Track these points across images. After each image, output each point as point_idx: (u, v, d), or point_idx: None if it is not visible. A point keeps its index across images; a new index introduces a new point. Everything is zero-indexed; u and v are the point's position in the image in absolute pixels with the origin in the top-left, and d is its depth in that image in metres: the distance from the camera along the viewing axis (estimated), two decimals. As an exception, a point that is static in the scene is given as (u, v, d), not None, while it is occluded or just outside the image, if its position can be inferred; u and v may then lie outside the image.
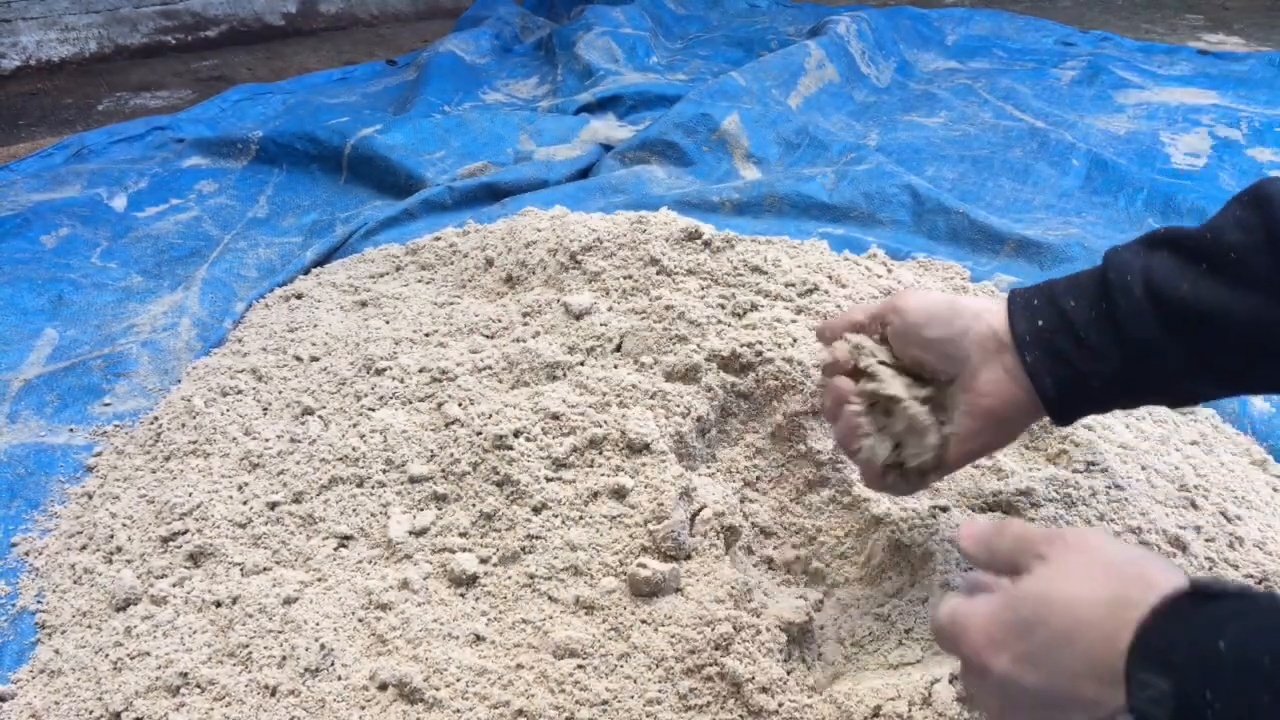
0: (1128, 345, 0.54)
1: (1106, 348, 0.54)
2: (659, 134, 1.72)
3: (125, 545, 0.80)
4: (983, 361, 0.58)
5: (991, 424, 0.59)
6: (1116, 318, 0.54)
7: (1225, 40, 2.67)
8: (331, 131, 1.74)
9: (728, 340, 0.86)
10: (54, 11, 2.52)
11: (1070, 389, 0.56)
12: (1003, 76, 2.19)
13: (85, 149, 1.79)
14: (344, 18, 3.09)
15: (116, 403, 1.06)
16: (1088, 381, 0.55)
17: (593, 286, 0.96)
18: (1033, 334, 0.57)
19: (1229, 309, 0.50)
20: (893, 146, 1.79)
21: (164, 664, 0.69)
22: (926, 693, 0.62)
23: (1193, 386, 0.54)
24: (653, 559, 0.71)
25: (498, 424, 0.82)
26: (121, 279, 1.35)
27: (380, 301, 1.14)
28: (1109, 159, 1.65)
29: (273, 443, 0.88)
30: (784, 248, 1.06)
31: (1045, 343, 0.56)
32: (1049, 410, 0.57)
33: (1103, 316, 0.55)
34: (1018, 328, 0.57)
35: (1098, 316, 0.55)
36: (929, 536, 0.74)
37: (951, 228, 1.42)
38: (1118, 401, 0.57)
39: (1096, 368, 0.55)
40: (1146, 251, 0.55)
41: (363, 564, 0.76)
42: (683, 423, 0.82)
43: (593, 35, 2.34)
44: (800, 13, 2.93)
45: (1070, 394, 0.56)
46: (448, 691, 0.65)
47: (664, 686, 0.64)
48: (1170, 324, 0.52)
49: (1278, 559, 0.78)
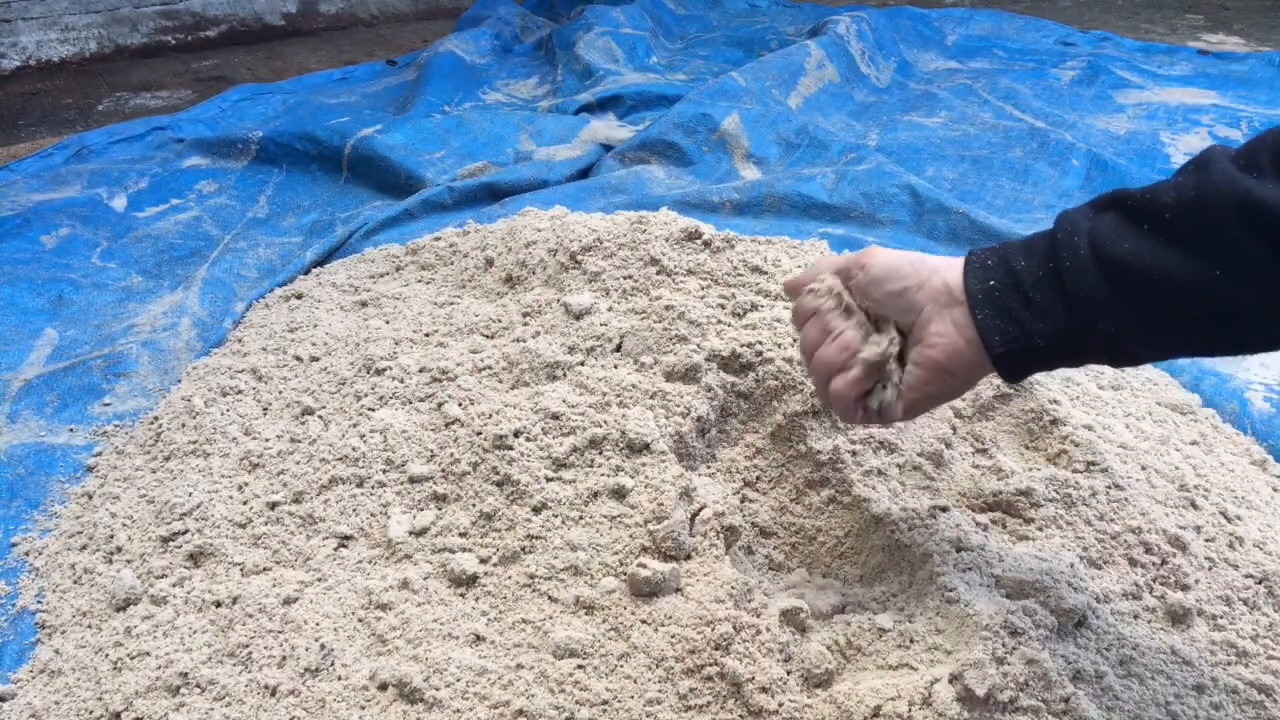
0: (1073, 304, 0.55)
1: (1053, 306, 0.56)
2: (659, 134, 1.72)
3: (125, 545, 0.80)
4: (934, 314, 0.60)
5: (938, 374, 0.60)
6: (1062, 277, 0.55)
7: (1225, 40, 2.67)
8: (331, 131, 1.74)
9: (728, 340, 0.86)
10: (54, 11, 2.52)
11: (1018, 347, 0.57)
12: (1003, 76, 2.19)
13: (85, 149, 1.79)
14: (344, 18, 3.09)
15: (116, 403, 1.06)
16: (1034, 340, 0.56)
17: (593, 286, 0.96)
18: (984, 293, 0.58)
19: (1164, 269, 0.51)
20: (893, 146, 1.79)
21: (164, 664, 0.69)
22: (926, 693, 0.62)
23: (1131, 346, 0.55)
24: (653, 559, 0.71)
25: (498, 424, 0.82)
26: (121, 279, 1.35)
27: (380, 301, 1.13)
28: (1109, 159, 1.65)
29: (273, 443, 0.88)
30: (784, 248, 1.06)
31: (995, 302, 0.58)
32: (997, 367, 0.59)
33: (1050, 275, 0.56)
34: (971, 286, 0.59)
35: (1045, 276, 0.56)
36: (929, 536, 0.74)
37: (951, 228, 1.42)
38: (1063, 360, 0.59)
39: (1042, 326, 0.56)
40: (1095, 213, 0.57)
41: (363, 564, 0.76)
42: (683, 423, 0.82)
43: (593, 35, 2.34)
44: (800, 13, 2.93)
45: (1018, 352, 0.57)
46: (448, 691, 0.65)
47: (664, 686, 0.64)
48: (1114, 283, 0.53)
49: (1278, 559, 0.78)
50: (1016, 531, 0.78)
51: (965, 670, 0.62)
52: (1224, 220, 0.49)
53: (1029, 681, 0.62)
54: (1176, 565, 0.75)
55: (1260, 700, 0.67)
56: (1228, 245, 0.49)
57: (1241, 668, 0.70)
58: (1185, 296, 0.51)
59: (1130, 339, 0.54)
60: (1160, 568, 0.76)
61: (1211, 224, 0.50)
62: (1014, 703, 0.61)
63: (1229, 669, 0.69)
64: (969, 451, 0.86)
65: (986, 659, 0.62)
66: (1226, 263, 0.49)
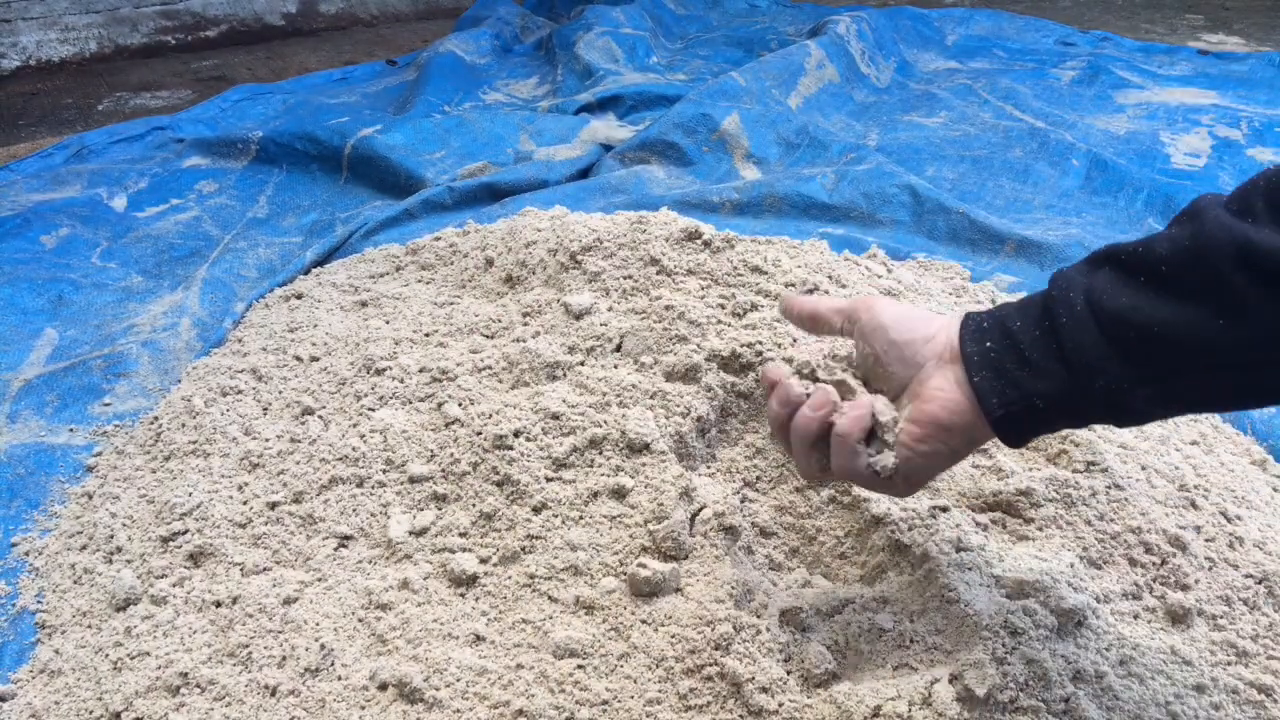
0: (1071, 362, 0.54)
1: (1050, 366, 0.55)
2: (659, 134, 1.72)
3: (125, 545, 0.80)
4: (935, 369, 0.59)
5: (937, 431, 0.58)
6: (1059, 334, 0.54)
7: (1225, 40, 2.67)
8: (331, 131, 1.74)
9: (728, 340, 0.86)
10: (54, 11, 2.52)
11: (1017, 409, 0.56)
12: (1003, 76, 2.19)
13: (85, 149, 1.79)
14: (344, 18, 3.09)
15: (116, 403, 1.06)
16: (1032, 401, 0.55)
17: (593, 286, 0.96)
18: (980, 355, 0.57)
19: (1165, 321, 0.50)
20: (893, 146, 1.79)
21: (164, 664, 0.69)
22: (926, 693, 0.62)
23: (1135, 403, 0.53)
24: (653, 559, 0.71)
25: (498, 424, 0.82)
26: (121, 279, 1.35)
27: (380, 301, 1.13)
28: (1109, 159, 1.65)
29: (273, 443, 0.88)
30: (784, 248, 1.06)
31: (992, 363, 0.57)
32: (996, 431, 0.57)
33: (1046, 334, 0.55)
34: (967, 349, 0.58)
35: (1041, 334, 0.55)
36: (929, 536, 0.74)
37: (951, 228, 1.42)
38: (1064, 420, 0.57)
39: (1041, 387, 0.55)
40: (1090, 269, 0.56)
41: (363, 564, 0.76)
42: (683, 423, 0.82)
43: (593, 35, 2.34)
44: (800, 13, 2.93)
45: (1017, 414, 0.56)
46: (448, 691, 0.65)
47: (664, 686, 0.64)
48: (1111, 338, 0.52)
49: (1278, 559, 0.78)
50: (1016, 531, 0.78)
51: (965, 670, 0.62)
52: (1221, 268, 0.48)
53: (1029, 681, 0.62)
54: (1176, 565, 0.75)
55: (1260, 700, 0.67)
56: (1227, 294, 0.48)
57: (1241, 668, 0.70)
58: (1188, 349, 0.50)
59: (1132, 395, 0.53)
60: (1160, 568, 0.76)
61: (1210, 273, 0.49)
62: (1014, 703, 0.61)
63: (1229, 669, 0.69)
64: (969, 451, 0.86)
65: (986, 659, 0.62)
66: (1228, 311, 0.48)
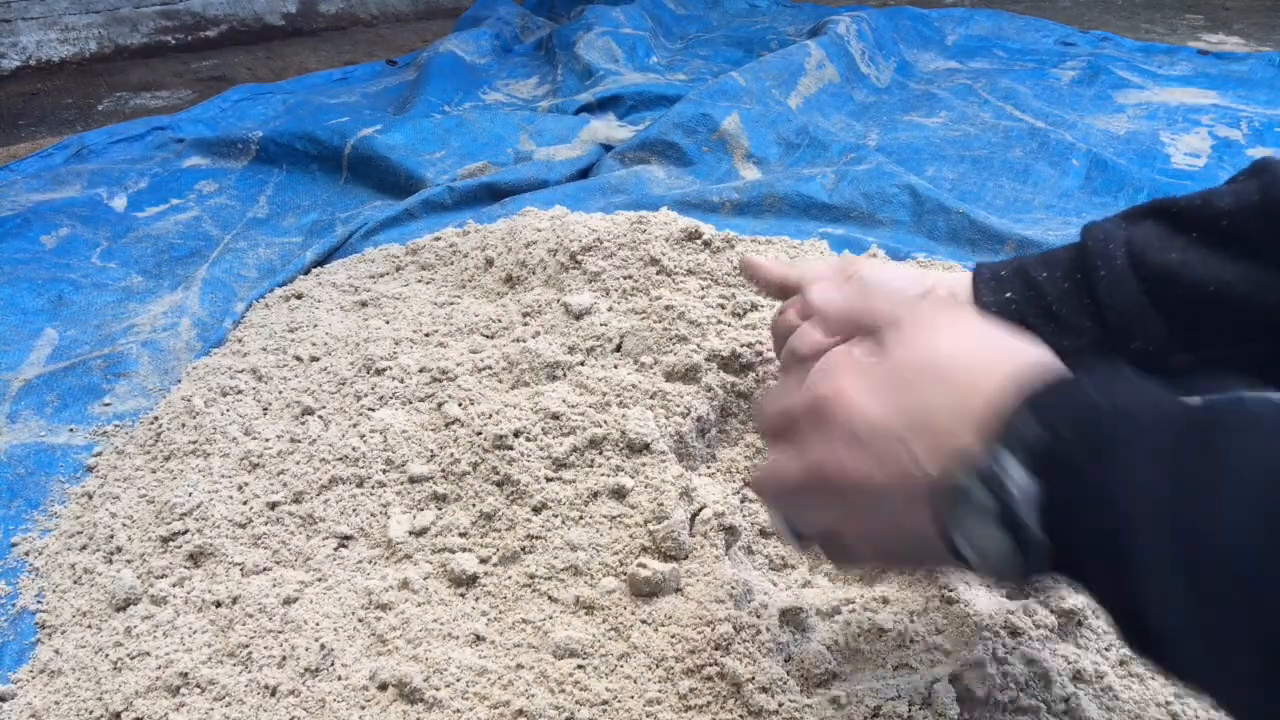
0: (1106, 319, 0.49)
1: (1079, 322, 0.50)
2: (659, 134, 1.72)
3: (125, 545, 0.80)
4: None
5: None
6: (1095, 289, 0.50)
7: (1225, 40, 2.67)
8: (331, 131, 1.74)
9: (728, 340, 0.86)
10: (54, 11, 2.52)
11: None
12: (1003, 76, 2.19)
13: (85, 149, 1.79)
14: (344, 18, 3.09)
15: (116, 403, 1.06)
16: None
17: (593, 286, 0.96)
18: (999, 305, 0.52)
19: (1223, 279, 0.46)
20: (893, 146, 1.79)
21: (164, 664, 0.69)
22: (926, 693, 0.62)
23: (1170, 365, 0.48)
24: (653, 559, 0.71)
25: (498, 424, 0.82)
26: (121, 279, 1.35)
27: (380, 301, 1.14)
28: (1109, 159, 1.65)
29: (273, 443, 0.88)
30: (784, 248, 1.06)
31: (1013, 316, 0.52)
32: None
33: (1077, 288, 0.51)
34: (983, 298, 0.53)
35: (1072, 288, 0.51)
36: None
37: (951, 228, 1.42)
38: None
39: (1067, 343, 0.50)
40: (1130, 222, 0.51)
41: (363, 564, 0.76)
42: (683, 423, 0.82)
43: (593, 35, 2.34)
44: (800, 13, 2.93)
45: None
46: (448, 691, 0.65)
47: (664, 686, 0.64)
48: (1155, 295, 0.48)
49: (1278, 559, 0.78)
50: (1016, 531, 0.78)
51: (965, 670, 0.62)
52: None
53: (1029, 681, 0.62)
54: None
55: (1260, 700, 0.67)
56: None
57: (1241, 668, 0.69)
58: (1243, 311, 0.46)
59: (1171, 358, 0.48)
60: (1160, 568, 0.76)
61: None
62: (1014, 703, 0.61)
63: (1229, 669, 0.69)
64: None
65: (986, 659, 0.62)
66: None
